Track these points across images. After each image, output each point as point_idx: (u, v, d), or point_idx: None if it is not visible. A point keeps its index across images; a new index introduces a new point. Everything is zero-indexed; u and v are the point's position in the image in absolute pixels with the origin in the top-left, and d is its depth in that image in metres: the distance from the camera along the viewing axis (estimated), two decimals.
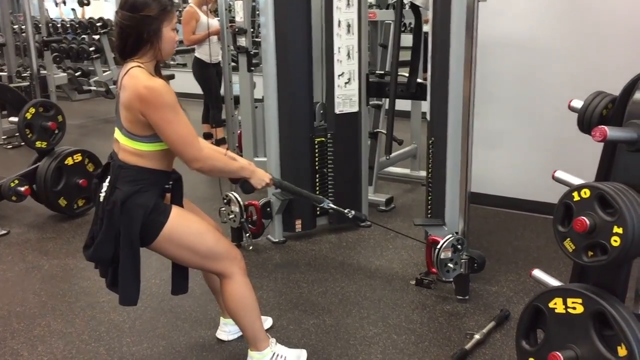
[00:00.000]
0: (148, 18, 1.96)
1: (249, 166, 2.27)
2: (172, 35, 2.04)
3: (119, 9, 2.00)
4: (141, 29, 1.97)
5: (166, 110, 1.94)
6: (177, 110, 1.97)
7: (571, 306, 1.91)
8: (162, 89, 1.94)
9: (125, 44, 2.00)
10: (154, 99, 1.92)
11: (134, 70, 1.97)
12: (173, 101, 1.96)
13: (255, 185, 2.29)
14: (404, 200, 4.42)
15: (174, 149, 2.02)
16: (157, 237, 2.03)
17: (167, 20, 2.00)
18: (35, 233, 3.96)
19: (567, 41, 3.73)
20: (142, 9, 1.96)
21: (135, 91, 1.93)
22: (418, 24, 3.58)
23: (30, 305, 2.98)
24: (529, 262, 3.30)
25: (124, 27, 1.98)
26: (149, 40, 1.99)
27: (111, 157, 2.12)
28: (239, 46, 4.50)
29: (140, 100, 1.93)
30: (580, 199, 1.86)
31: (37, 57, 6.59)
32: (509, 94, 3.99)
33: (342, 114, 3.63)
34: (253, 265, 3.35)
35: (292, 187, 2.56)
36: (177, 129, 1.97)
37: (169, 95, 1.94)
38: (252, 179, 2.27)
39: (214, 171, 2.15)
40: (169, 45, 2.04)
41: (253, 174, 2.27)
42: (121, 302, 2.11)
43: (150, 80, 1.95)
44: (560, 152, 3.77)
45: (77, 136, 6.73)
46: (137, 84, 1.93)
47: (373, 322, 2.76)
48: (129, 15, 1.96)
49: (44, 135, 4.10)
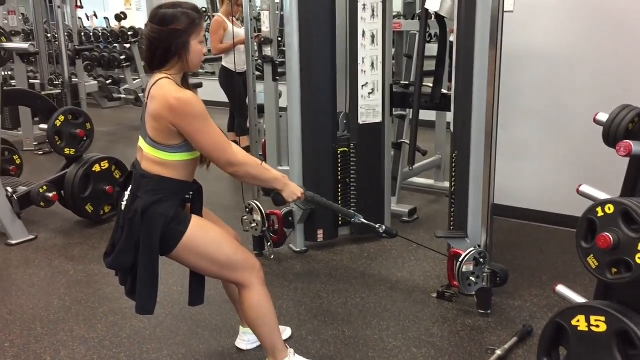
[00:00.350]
0: (176, 32, 2.00)
1: (283, 179, 2.29)
2: (200, 48, 2.08)
3: (149, 22, 2.05)
4: (169, 42, 2.01)
5: (198, 120, 1.99)
6: (208, 119, 2.02)
7: (594, 324, 1.87)
8: (192, 100, 1.98)
9: (153, 56, 2.05)
10: (186, 110, 1.97)
11: (162, 81, 2.01)
12: (204, 111, 2.00)
13: (286, 198, 2.30)
14: (427, 212, 4.39)
15: (209, 156, 2.07)
16: (176, 247, 2.06)
17: (195, 33, 2.04)
18: (62, 238, 4.03)
19: (595, 53, 3.67)
20: (171, 22, 2.00)
21: (166, 102, 1.97)
22: (443, 35, 3.56)
23: (54, 310, 3.03)
24: (553, 276, 3.24)
25: (153, 40, 2.03)
26: (176, 53, 2.03)
27: (134, 166, 2.16)
28: (265, 56, 4.53)
29: (170, 110, 1.97)
30: (604, 214, 1.83)
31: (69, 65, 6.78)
32: (536, 105, 3.94)
33: (366, 124, 3.62)
34: (274, 275, 3.36)
35: (324, 202, 2.57)
36: (210, 137, 2.02)
37: (199, 106, 1.99)
38: (284, 192, 2.28)
39: (247, 177, 2.17)
40: (196, 57, 2.08)
41: (286, 187, 2.28)
42: (137, 310, 2.13)
43: (180, 91, 1.99)
44: (588, 165, 3.71)
45: (106, 143, 6.85)
46: (166, 95, 1.98)
47: (393, 334, 2.73)
48: (157, 29, 2.01)
49: (73, 142, 4.18)
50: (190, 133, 2.00)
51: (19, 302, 3.13)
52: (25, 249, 3.84)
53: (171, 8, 2.03)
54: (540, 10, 3.80)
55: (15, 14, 6.11)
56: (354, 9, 3.46)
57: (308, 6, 3.38)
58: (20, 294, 3.23)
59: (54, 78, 7.08)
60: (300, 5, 3.37)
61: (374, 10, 3.48)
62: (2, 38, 3.73)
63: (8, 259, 3.70)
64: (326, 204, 2.59)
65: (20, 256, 3.73)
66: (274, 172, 2.32)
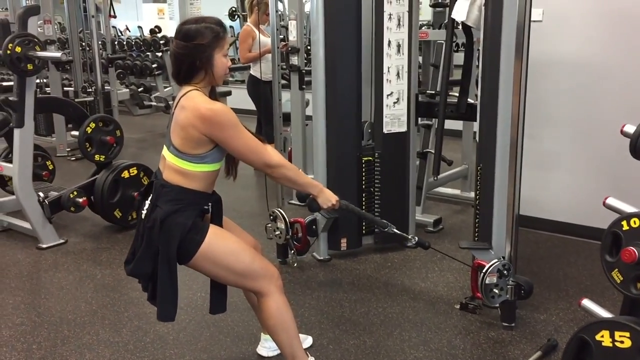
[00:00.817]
0: (200, 46, 2.04)
1: (318, 185, 2.34)
2: (224, 62, 2.12)
3: (174, 38, 2.11)
4: (194, 57, 2.06)
5: (230, 127, 2.05)
6: (239, 125, 2.08)
7: (619, 340, 1.83)
8: (223, 109, 2.05)
9: (179, 70, 2.10)
10: (219, 120, 2.03)
11: (193, 93, 2.07)
12: (235, 119, 2.07)
13: (321, 204, 2.33)
14: (453, 222, 4.35)
15: (246, 159, 2.14)
16: (194, 256, 2.08)
17: (219, 47, 2.08)
18: (90, 243, 4.11)
19: (624, 63, 3.61)
20: (195, 37, 2.05)
21: (197, 112, 2.02)
22: (469, 44, 3.54)
23: (81, 313, 3.09)
24: (580, 290, 3.18)
25: (178, 55, 2.08)
26: (202, 67, 2.08)
27: (155, 175, 2.19)
28: (292, 64, 4.58)
29: (203, 120, 2.02)
30: (630, 228, 1.80)
31: (102, 73, 6.93)
32: (564, 115, 3.89)
33: (390, 134, 3.62)
34: (297, 283, 3.37)
35: (358, 210, 2.61)
36: (244, 141, 2.09)
37: (230, 114, 2.06)
38: (319, 198, 2.31)
39: (283, 179, 2.23)
40: (221, 70, 2.12)
41: (321, 193, 2.32)
42: (159, 317, 2.17)
43: (211, 103, 2.06)
44: (616, 177, 3.64)
45: (136, 150, 6.98)
46: (198, 106, 2.03)
47: (414, 345, 2.71)
48: (182, 44, 2.06)
49: (103, 149, 4.27)
50: (224, 140, 2.06)
51: (48, 304, 3.20)
52: (55, 252, 3.93)
53: (195, 23, 2.07)
54: (569, 20, 3.76)
55: (51, 23, 6.28)
56: (380, 18, 3.47)
57: (334, 15, 3.40)
58: (49, 296, 3.30)
59: (87, 86, 7.24)
60: (326, 14, 3.39)
61: (399, 20, 3.48)
62: (36, 47, 3.82)
63: (38, 262, 3.79)
64: (360, 213, 2.64)
65: (50, 260, 3.82)
66: (309, 179, 2.36)
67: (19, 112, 3.88)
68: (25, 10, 3.95)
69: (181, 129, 2.06)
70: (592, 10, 3.69)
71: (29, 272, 3.67)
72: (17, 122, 3.90)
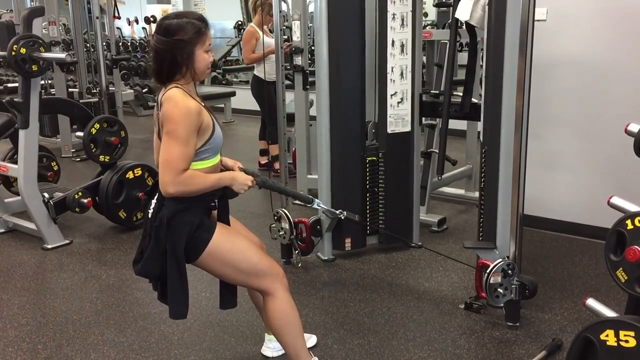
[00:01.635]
0: (181, 42, 2.01)
1: (228, 174, 2.18)
2: (206, 57, 2.08)
3: (155, 33, 2.07)
4: (175, 53, 2.02)
5: (175, 126, 1.96)
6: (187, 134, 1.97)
7: (623, 339, 1.83)
8: (187, 109, 1.97)
9: (161, 67, 2.06)
10: (172, 112, 1.97)
11: (171, 90, 2.03)
12: (189, 123, 1.97)
13: (238, 190, 2.19)
14: (457, 222, 4.35)
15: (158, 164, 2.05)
16: (201, 254, 2.09)
17: (200, 42, 2.04)
18: (95, 243, 4.12)
19: (628, 62, 3.60)
20: (176, 32, 2.01)
21: (167, 107, 2.00)
22: (473, 44, 3.53)
23: (86, 313, 3.10)
24: (585, 290, 3.18)
25: (159, 51, 2.04)
26: (183, 63, 2.04)
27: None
28: (295, 65, 4.58)
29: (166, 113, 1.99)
30: (634, 227, 1.79)
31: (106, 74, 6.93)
32: (569, 115, 3.88)
33: (394, 134, 3.61)
34: (301, 283, 3.37)
35: (277, 186, 2.50)
36: (169, 149, 1.97)
37: (188, 117, 1.97)
38: (234, 186, 2.17)
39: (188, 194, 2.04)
40: (202, 66, 2.08)
41: (233, 181, 2.15)
42: (171, 316, 2.18)
43: (184, 99, 2.00)
44: (621, 176, 3.63)
45: (141, 150, 6.99)
46: (170, 101, 2.00)
47: (419, 345, 2.71)
48: (163, 40, 2.02)
49: (107, 149, 4.28)
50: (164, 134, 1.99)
51: (53, 305, 3.21)
52: (60, 253, 3.94)
53: (176, 18, 2.04)
54: (573, 20, 3.75)
55: (56, 24, 6.30)
56: (384, 18, 3.47)
57: (337, 15, 3.40)
58: (54, 297, 3.31)
59: (91, 87, 7.25)
60: (329, 14, 3.40)
61: (403, 19, 3.48)
62: (40, 48, 3.83)
63: (43, 263, 3.81)
64: (279, 188, 2.54)
65: (55, 260, 3.83)
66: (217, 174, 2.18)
67: (24, 113, 3.89)
68: (29, 12, 3.97)
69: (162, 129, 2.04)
70: (596, 10, 3.69)
71: (34, 272, 3.68)
72: (22, 124, 3.92)
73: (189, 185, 2.03)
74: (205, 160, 2.10)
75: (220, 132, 2.16)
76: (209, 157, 2.12)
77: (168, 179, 1.99)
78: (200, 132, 2.04)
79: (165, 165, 1.99)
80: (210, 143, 2.10)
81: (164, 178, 1.99)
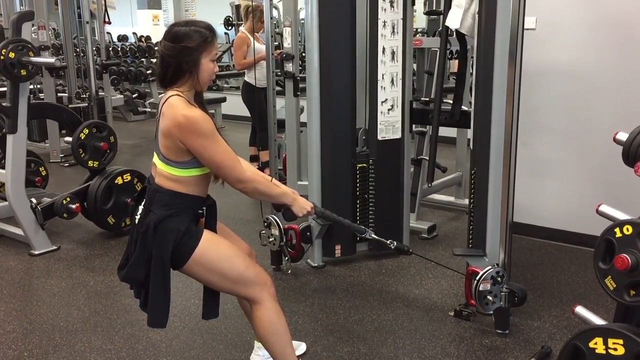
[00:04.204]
0: (188, 49, 2.02)
1: (292, 194, 2.30)
2: (211, 67, 2.10)
3: (162, 39, 2.09)
4: (180, 59, 2.03)
5: (204, 137, 2.00)
6: (215, 137, 2.03)
7: (612, 347, 1.84)
8: (199, 118, 2.00)
9: (165, 72, 2.07)
10: (192, 128, 1.99)
11: (172, 99, 2.04)
12: (211, 129, 2.02)
13: (296, 212, 2.31)
14: (447, 229, 4.36)
15: (217, 172, 2.10)
16: (187, 261, 2.07)
17: (207, 51, 2.06)
18: (83, 249, 4.08)
19: (617, 71, 3.63)
20: (183, 40, 2.03)
21: (174, 120, 2.00)
22: (463, 52, 3.55)
23: (73, 320, 3.07)
24: (574, 297, 3.19)
25: (165, 57, 2.06)
26: (187, 70, 2.05)
27: (148, 181, 2.19)
28: (286, 71, 4.57)
29: (179, 128, 1.99)
30: (622, 235, 1.80)
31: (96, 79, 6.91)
32: (558, 123, 3.91)
33: (385, 141, 3.62)
34: (291, 289, 3.35)
35: (333, 217, 2.57)
36: (217, 154, 2.04)
37: (206, 124, 2.01)
38: (294, 207, 2.29)
39: (255, 193, 2.18)
40: (206, 75, 2.09)
41: (295, 202, 2.29)
42: (150, 324, 2.15)
43: (188, 109, 2.01)
44: (610, 184, 3.65)
45: (130, 156, 6.96)
46: (175, 113, 2.00)
47: (408, 352, 2.71)
48: (170, 46, 2.04)
49: (96, 155, 4.25)
50: (197, 149, 2.02)
51: (40, 311, 3.18)
52: (47, 259, 3.91)
53: (184, 26, 2.06)
54: (563, 29, 3.78)
55: (45, 29, 6.27)
56: (375, 26, 3.48)
57: (328, 22, 3.41)
58: (41, 303, 3.28)
59: (81, 92, 7.23)
60: (320, 21, 3.40)
61: (394, 27, 3.49)
62: (29, 52, 3.81)
63: (30, 269, 3.77)
64: (336, 219, 2.58)
65: (42, 266, 3.79)
66: (283, 188, 2.33)
67: (12, 118, 3.86)
68: (19, 16, 3.94)
69: (164, 137, 2.05)
70: (585, 19, 3.72)
71: (21, 278, 3.64)
72: (10, 128, 3.88)
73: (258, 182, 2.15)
74: (200, 167, 2.10)
75: None
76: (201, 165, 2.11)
77: (234, 177, 2.08)
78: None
79: (225, 169, 2.07)
80: None
81: (233, 177, 2.08)
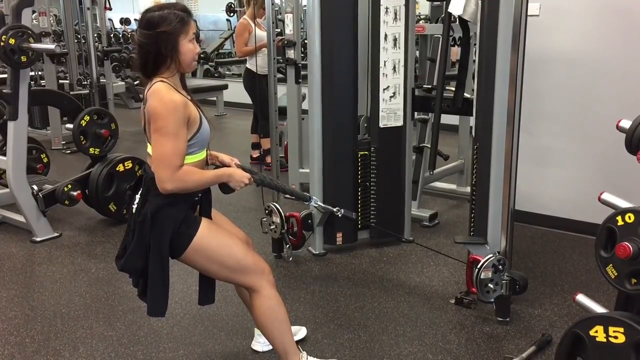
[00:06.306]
0: (165, 34, 1.97)
1: (226, 171, 2.17)
2: (191, 47, 2.04)
3: (137, 27, 2.03)
4: (159, 45, 1.98)
5: (163, 122, 1.93)
6: (176, 128, 1.94)
7: (612, 335, 1.83)
8: (172, 103, 1.94)
9: (146, 61, 2.02)
10: (157, 108, 1.94)
11: (156, 85, 2.00)
12: (176, 117, 1.94)
13: (234, 187, 2.18)
14: (448, 217, 4.35)
15: (152, 163, 2.02)
16: (186, 250, 2.06)
17: (184, 32, 2.00)
18: (85, 236, 4.09)
19: (621, 58, 3.61)
20: (159, 24, 1.97)
21: (152, 103, 1.96)
22: (466, 39, 3.53)
23: (75, 306, 3.08)
24: (575, 285, 3.19)
25: (143, 45, 2.00)
26: (168, 55, 2.00)
27: (145, 169, 2.16)
28: (288, 58, 4.55)
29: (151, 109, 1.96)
30: (624, 223, 1.79)
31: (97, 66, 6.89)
32: (561, 110, 3.88)
33: (387, 128, 3.60)
34: (292, 277, 3.36)
35: (274, 184, 2.50)
36: (161, 145, 1.95)
37: (175, 111, 1.94)
38: (231, 182, 2.16)
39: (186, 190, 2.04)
40: (188, 57, 2.04)
41: (231, 177, 2.15)
42: (149, 313, 2.14)
43: (168, 93, 1.96)
44: (613, 172, 3.64)
45: (132, 143, 6.94)
46: (155, 96, 1.96)
47: (409, 340, 2.71)
48: (146, 33, 1.99)
49: (97, 142, 4.24)
50: (153, 131, 1.96)
51: (41, 298, 3.19)
52: (49, 246, 3.91)
53: (158, 10, 2.00)
54: (567, 15, 3.75)
55: (46, 15, 6.24)
56: (377, 12, 3.45)
57: (330, 9, 3.39)
58: (43, 290, 3.29)
59: (82, 78, 7.20)
60: (322, 8, 3.38)
61: (396, 13, 3.46)
62: (30, 39, 3.79)
63: (32, 256, 3.78)
64: (277, 187, 2.55)
65: (44, 253, 3.80)
66: (215, 170, 2.19)
67: (13, 105, 3.85)
68: (19, 2, 3.91)
69: (149, 124, 2.01)
70: (589, 6, 3.68)
71: (23, 265, 3.65)
72: (11, 115, 3.87)
73: (187, 181, 2.01)
74: (191, 155, 2.07)
75: (207, 127, 2.12)
76: (195, 151, 2.08)
77: (164, 176, 1.96)
78: (187, 126, 2.01)
79: (159, 162, 1.97)
80: (197, 137, 2.06)
81: (160, 175, 1.97)
